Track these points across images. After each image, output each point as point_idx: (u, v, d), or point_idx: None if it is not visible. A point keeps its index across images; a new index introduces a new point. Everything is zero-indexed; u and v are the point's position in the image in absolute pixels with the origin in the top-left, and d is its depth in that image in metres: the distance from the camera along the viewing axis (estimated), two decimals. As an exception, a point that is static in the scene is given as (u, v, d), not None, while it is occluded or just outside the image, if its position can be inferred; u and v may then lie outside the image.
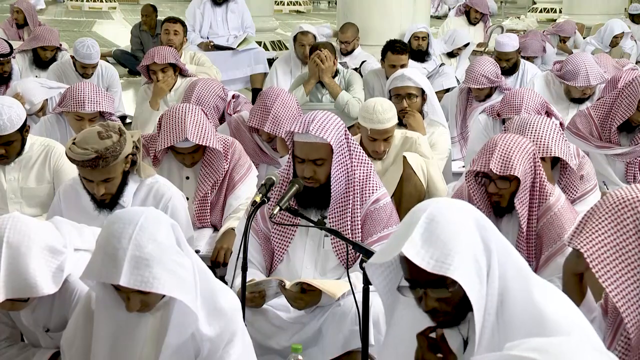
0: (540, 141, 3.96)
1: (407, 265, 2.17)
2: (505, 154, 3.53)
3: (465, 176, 3.72)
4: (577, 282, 2.67)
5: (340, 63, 6.99)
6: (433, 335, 2.24)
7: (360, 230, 3.61)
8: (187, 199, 4.32)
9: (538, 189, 3.59)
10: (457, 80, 7.67)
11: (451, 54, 9.36)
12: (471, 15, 11.14)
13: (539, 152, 3.93)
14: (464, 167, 5.59)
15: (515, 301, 2.13)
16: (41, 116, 5.96)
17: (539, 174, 3.59)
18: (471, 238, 2.13)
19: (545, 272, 3.56)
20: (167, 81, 6.13)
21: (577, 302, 2.57)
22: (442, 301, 2.18)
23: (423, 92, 5.41)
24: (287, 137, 3.59)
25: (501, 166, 3.51)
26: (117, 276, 2.43)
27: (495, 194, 3.59)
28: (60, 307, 2.98)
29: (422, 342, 2.24)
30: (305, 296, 3.46)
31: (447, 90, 7.10)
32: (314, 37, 7.73)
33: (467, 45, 9.39)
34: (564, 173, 4.12)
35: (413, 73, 5.47)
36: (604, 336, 2.65)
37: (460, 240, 2.12)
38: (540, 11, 20.38)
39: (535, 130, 3.99)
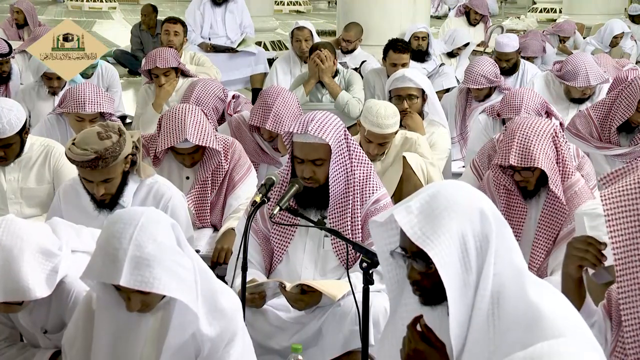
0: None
1: (401, 232, 2.20)
2: (524, 144, 3.61)
3: (491, 167, 3.83)
4: (577, 285, 2.66)
5: (340, 63, 7.00)
6: (418, 328, 2.25)
7: (360, 230, 3.61)
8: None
9: (562, 165, 3.67)
10: (457, 80, 7.68)
11: (451, 54, 9.36)
12: (471, 16, 11.14)
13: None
14: (463, 167, 5.59)
15: (511, 299, 2.13)
16: (56, 87, 6.08)
17: (561, 150, 3.66)
18: (468, 225, 2.13)
19: (558, 251, 3.60)
20: (172, 84, 6.15)
21: (576, 306, 2.56)
22: (424, 276, 2.19)
23: (423, 92, 5.41)
24: (286, 137, 3.59)
25: (522, 159, 3.60)
26: (118, 276, 2.43)
27: (521, 181, 3.70)
28: (57, 309, 2.99)
29: (413, 334, 2.25)
30: (306, 297, 3.46)
31: (447, 90, 7.10)
32: (310, 32, 7.75)
33: (467, 45, 9.39)
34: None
35: (413, 73, 5.47)
36: (604, 337, 2.64)
37: (454, 223, 2.12)
38: (540, 11, 20.39)
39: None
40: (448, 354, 2.21)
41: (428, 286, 2.21)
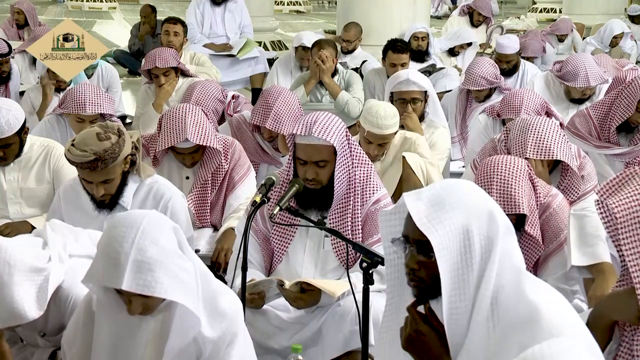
0: (543, 144, 3.94)
1: (406, 219, 2.21)
2: (504, 191, 3.38)
3: None
4: (609, 328, 2.59)
5: (340, 63, 7.00)
6: (421, 310, 2.25)
7: (360, 230, 3.61)
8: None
9: (537, 196, 3.57)
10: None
11: (452, 53, 9.34)
12: (474, 18, 11.13)
13: (541, 155, 3.91)
14: (463, 167, 5.60)
15: (509, 299, 2.13)
16: (62, 81, 6.05)
17: (536, 186, 3.54)
18: (475, 222, 2.13)
19: (543, 271, 3.57)
20: (172, 84, 6.16)
21: (605, 338, 2.52)
22: (422, 266, 2.19)
23: (425, 93, 5.41)
24: (289, 138, 3.58)
25: (504, 207, 3.28)
26: (120, 280, 2.43)
27: None
28: (56, 314, 2.99)
29: (415, 315, 2.25)
30: (305, 296, 3.46)
31: (448, 91, 7.11)
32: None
33: (470, 44, 9.38)
34: (565, 175, 4.11)
35: (416, 76, 5.46)
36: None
37: (461, 217, 2.13)
38: (540, 11, 20.39)
39: (537, 132, 3.98)
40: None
41: (424, 277, 2.20)
